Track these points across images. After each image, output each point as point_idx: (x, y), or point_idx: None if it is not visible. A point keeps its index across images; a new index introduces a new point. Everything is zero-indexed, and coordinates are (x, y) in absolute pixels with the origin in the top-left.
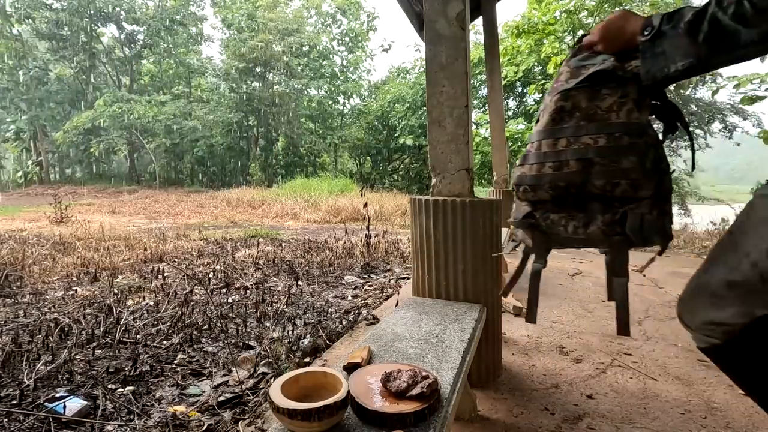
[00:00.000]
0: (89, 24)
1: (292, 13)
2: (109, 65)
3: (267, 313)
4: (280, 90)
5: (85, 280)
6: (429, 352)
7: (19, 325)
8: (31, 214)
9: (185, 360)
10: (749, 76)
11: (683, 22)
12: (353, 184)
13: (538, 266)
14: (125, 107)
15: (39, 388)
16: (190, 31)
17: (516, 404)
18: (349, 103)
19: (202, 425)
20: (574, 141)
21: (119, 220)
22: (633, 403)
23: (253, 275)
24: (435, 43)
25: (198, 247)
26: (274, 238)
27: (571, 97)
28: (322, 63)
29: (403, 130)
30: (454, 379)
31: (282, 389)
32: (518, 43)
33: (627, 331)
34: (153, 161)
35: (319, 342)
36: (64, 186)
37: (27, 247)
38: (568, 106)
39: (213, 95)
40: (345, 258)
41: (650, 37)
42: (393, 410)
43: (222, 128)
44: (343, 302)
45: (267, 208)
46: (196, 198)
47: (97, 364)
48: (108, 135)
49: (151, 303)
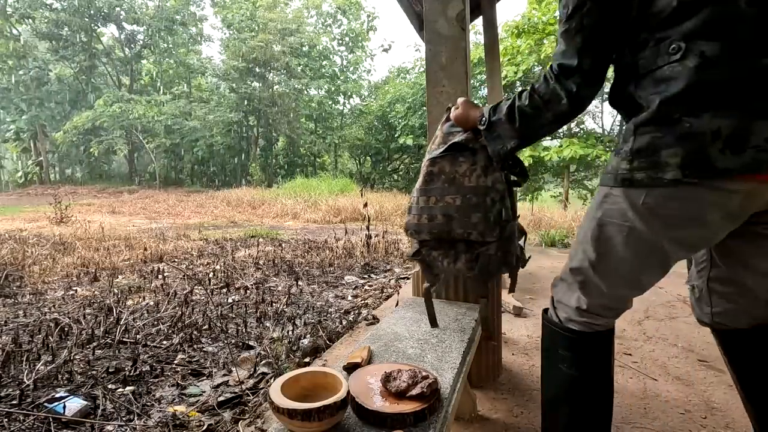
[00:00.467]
0: (89, 24)
1: (292, 13)
2: (109, 65)
3: (267, 313)
4: (280, 90)
5: (85, 280)
6: (429, 352)
7: (19, 325)
8: (31, 214)
9: (185, 360)
10: None
11: (503, 114)
12: (353, 184)
13: (428, 286)
14: (125, 107)
15: (39, 388)
16: (190, 31)
17: (516, 404)
18: (349, 103)
19: (202, 425)
20: (440, 199)
21: (119, 220)
22: (633, 403)
23: (253, 275)
24: (435, 43)
25: (198, 247)
26: (274, 238)
27: (437, 163)
28: (322, 63)
29: (403, 130)
30: (454, 379)
31: (282, 389)
32: (518, 43)
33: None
34: (153, 161)
35: (319, 342)
36: (64, 186)
37: (27, 247)
38: (435, 171)
39: (213, 95)
40: (345, 258)
41: (486, 126)
42: (393, 410)
43: (222, 128)
44: (343, 302)
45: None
46: (196, 198)
47: (97, 364)
48: (108, 135)
49: (151, 303)
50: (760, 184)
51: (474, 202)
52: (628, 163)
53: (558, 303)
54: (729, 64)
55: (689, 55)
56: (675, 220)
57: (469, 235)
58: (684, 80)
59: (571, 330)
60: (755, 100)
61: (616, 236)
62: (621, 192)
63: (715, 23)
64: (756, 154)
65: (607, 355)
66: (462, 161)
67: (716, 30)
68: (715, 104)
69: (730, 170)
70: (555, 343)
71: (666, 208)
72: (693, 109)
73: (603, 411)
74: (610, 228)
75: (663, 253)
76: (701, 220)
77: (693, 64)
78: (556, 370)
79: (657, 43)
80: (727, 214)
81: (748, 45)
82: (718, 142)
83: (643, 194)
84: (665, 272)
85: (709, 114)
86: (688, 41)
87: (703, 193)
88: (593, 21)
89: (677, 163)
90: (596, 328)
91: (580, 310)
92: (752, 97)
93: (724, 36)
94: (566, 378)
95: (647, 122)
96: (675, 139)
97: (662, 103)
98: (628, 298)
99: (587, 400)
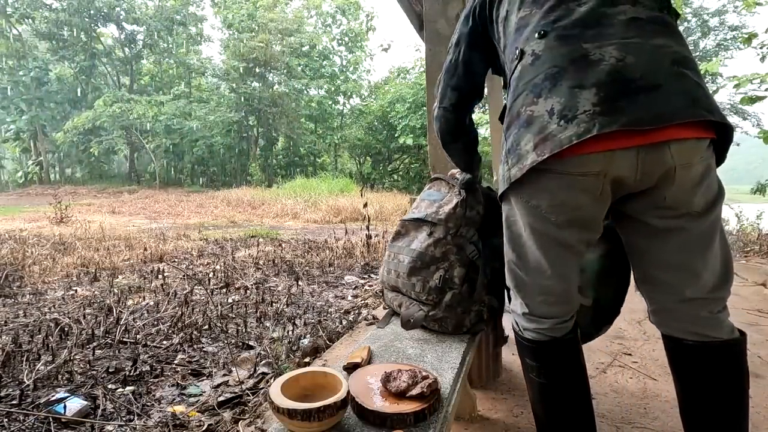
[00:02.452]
0: (89, 24)
1: (292, 13)
2: (109, 65)
3: (267, 313)
4: (280, 90)
5: (85, 280)
6: (429, 352)
7: (19, 325)
8: (31, 214)
9: (185, 360)
10: (749, 76)
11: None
12: (353, 184)
13: (390, 312)
14: (125, 107)
15: (39, 388)
16: (190, 31)
17: (516, 404)
18: (349, 103)
19: (202, 425)
20: (395, 257)
21: (119, 220)
22: (633, 403)
23: (253, 275)
24: (435, 43)
25: (198, 247)
26: (274, 238)
27: (405, 224)
28: (322, 63)
29: (403, 130)
30: (454, 379)
31: (282, 389)
32: None
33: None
34: (153, 161)
35: (319, 342)
36: (64, 186)
37: (27, 247)
38: (402, 231)
39: (213, 95)
40: (345, 258)
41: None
42: (393, 410)
43: (222, 128)
44: (343, 302)
45: (267, 208)
46: (196, 198)
47: (97, 364)
48: (108, 135)
49: (151, 303)
50: (605, 155)
51: (418, 266)
52: (506, 164)
53: (512, 311)
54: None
55: (523, 56)
56: (556, 208)
57: (409, 294)
58: (524, 79)
59: (529, 339)
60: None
61: (522, 232)
62: (509, 193)
63: (535, 29)
64: (587, 118)
65: (571, 362)
66: (423, 228)
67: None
68: (545, 90)
69: (570, 137)
70: (521, 352)
71: (545, 198)
72: (531, 100)
73: (580, 416)
74: (514, 228)
75: (562, 240)
76: (574, 206)
77: (528, 62)
78: (528, 378)
79: (508, 56)
80: (594, 197)
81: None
82: (554, 117)
83: (521, 189)
84: (578, 255)
85: (542, 98)
86: (523, 45)
87: (562, 179)
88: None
89: (531, 148)
90: (548, 334)
91: (525, 315)
92: (569, 77)
93: (542, 36)
94: (537, 386)
95: (509, 125)
96: (526, 129)
97: (513, 104)
98: (562, 292)
99: (561, 406)
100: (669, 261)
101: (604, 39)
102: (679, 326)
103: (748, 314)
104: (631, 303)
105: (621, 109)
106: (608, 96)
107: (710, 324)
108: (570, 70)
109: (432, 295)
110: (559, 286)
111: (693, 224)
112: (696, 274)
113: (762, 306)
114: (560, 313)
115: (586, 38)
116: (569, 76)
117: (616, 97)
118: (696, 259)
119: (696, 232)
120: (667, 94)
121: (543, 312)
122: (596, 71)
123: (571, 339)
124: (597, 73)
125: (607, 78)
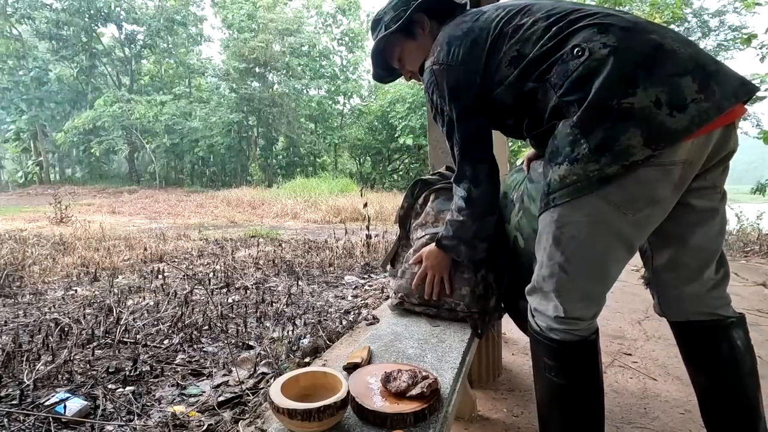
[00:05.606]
0: (89, 24)
1: (292, 13)
2: (109, 65)
3: (267, 313)
4: (280, 90)
5: (85, 280)
6: (429, 352)
7: (19, 325)
8: (31, 214)
9: (185, 360)
10: (749, 76)
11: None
12: (353, 184)
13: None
14: (125, 107)
15: (39, 388)
16: (190, 31)
17: (516, 404)
18: (349, 103)
19: (202, 425)
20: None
21: (119, 220)
22: (633, 403)
23: (253, 275)
24: None
25: (198, 247)
26: (274, 238)
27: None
28: (322, 63)
29: (403, 130)
30: (454, 379)
31: (282, 389)
32: None
33: None
34: (153, 161)
35: (319, 342)
36: (64, 186)
37: (27, 247)
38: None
39: (213, 95)
40: (345, 258)
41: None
42: (393, 410)
43: (222, 128)
44: (343, 302)
45: (267, 208)
46: (196, 198)
47: (97, 364)
48: (108, 135)
49: (151, 303)
50: (707, 135)
51: (466, 276)
52: (596, 163)
53: (536, 312)
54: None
55: (592, 52)
56: (636, 204)
57: (456, 306)
58: (604, 71)
59: (554, 339)
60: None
61: (580, 233)
62: (595, 193)
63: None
64: (696, 105)
65: (593, 361)
66: None
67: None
68: (641, 80)
69: (687, 128)
70: (540, 352)
71: (626, 194)
72: (625, 92)
73: (594, 417)
74: (570, 228)
75: (627, 238)
76: (656, 198)
77: (601, 55)
78: (544, 379)
79: (558, 59)
80: (674, 186)
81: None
82: (663, 108)
83: (614, 186)
84: (630, 257)
85: (639, 89)
86: (586, 43)
87: (653, 172)
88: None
89: (640, 142)
90: (578, 334)
91: (558, 318)
92: (660, 65)
93: (603, 32)
94: (554, 386)
95: (584, 122)
96: (624, 123)
97: (591, 100)
98: (601, 295)
99: (577, 407)
100: (702, 245)
101: (656, 29)
102: (696, 309)
103: (748, 314)
104: (631, 303)
105: (714, 93)
106: (703, 82)
107: (721, 303)
108: (658, 58)
109: (478, 302)
110: (603, 289)
111: (722, 205)
112: (715, 256)
113: (762, 306)
114: (594, 315)
115: (647, 29)
116: (661, 65)
117: (708, 82)
118: (720, 240)
119: (722, 212)
120: (725, 75)
121: (580, 314)
122: (680, 59)
123: (595, 339)
124: (682, 60)
125: (691, 65)
